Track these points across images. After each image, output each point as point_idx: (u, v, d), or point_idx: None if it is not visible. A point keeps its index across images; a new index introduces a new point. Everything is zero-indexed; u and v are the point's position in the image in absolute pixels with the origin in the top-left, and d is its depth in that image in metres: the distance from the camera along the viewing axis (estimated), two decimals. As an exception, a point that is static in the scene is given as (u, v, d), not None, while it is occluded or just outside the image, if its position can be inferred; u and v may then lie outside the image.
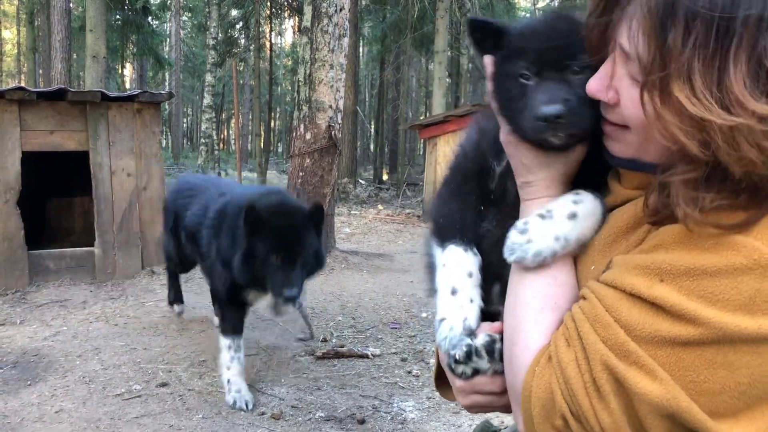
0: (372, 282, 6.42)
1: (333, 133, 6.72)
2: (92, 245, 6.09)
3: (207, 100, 13.61)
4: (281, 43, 47.42)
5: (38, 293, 5.67)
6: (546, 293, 0.96)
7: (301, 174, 6.75)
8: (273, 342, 4.63)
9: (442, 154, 12.12)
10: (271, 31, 20.68)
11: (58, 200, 7.24)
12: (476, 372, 1.02)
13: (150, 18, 20.45)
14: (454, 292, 1.04)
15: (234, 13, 20.55)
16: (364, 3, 21.42)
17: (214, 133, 14.07)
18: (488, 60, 1.06)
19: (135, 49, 22.33)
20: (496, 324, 1.05)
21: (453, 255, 1.06)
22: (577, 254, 1.00)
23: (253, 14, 20.09)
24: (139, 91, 6.16)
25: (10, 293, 5.60)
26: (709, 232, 0.80)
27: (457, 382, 1.05)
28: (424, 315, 5.41)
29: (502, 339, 1.01)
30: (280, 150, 49.34)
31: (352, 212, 14.36)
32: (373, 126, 34.41)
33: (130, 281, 6.07)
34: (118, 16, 19.89)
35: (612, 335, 0.83)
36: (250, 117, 37.45)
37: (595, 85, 0.94)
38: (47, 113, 5.79)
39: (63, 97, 5.85)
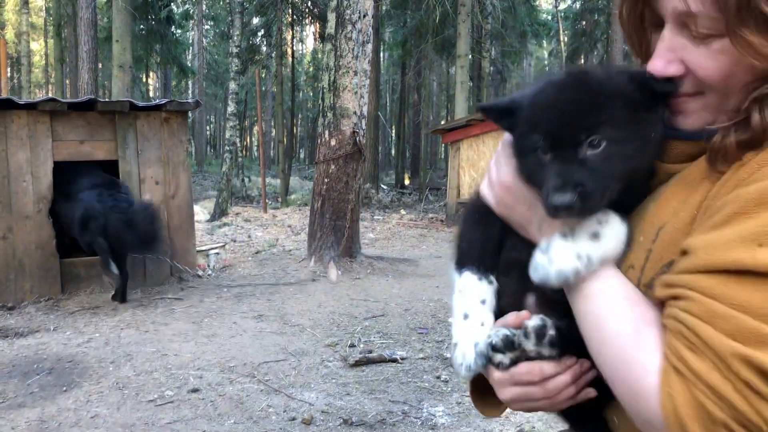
0: (398, 287, 6.43)
1: (357, 139, 6.76)
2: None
3: (231, 107, 13.71)
4: (302, 50, 47.70)
5: (70, 300, 5.77)
6: (630, 313, 0.91)
7: (326, 180, 6.79)
8: (301, 347, 4.66)
9: (466, 157, 12.09)
10: (293, 38, 20.79)
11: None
12: (514, 362, 1.00)
13: (173, 27, 20.70)
14: (466, 317, 1.06)
15: (256, 20, 20.70)
16: (384, 8, 21.49)
17: (237, 140, 14.15)
18: (507, 136, 1.05)
19: (159, 58, 22.61)
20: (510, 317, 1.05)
21: (467, 282, 1.08)
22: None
23: (275, 22, 20.25)
24: (167, 100, 6.25)
25: (43, 300, 5.71)
26: None
27: (495, 374, 1.03)
28: (450, 320, 5.39)
29: (552, 326, 1.00)
30: (302, 156, 49.63)
31: (375, 217, 14.38)
32: (394, 130, 34.49)
33: (159, 288, 6.15)
34: (142, 26, 20.19)
35: (737, 325, 0.77)
36: (273, 124, 37.75)
37: (659, 65, 0.93)
38: (77, 123, 5.90)
39: (93, 107, 5.96)
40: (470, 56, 16.56)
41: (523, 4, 21.76)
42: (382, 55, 26.95)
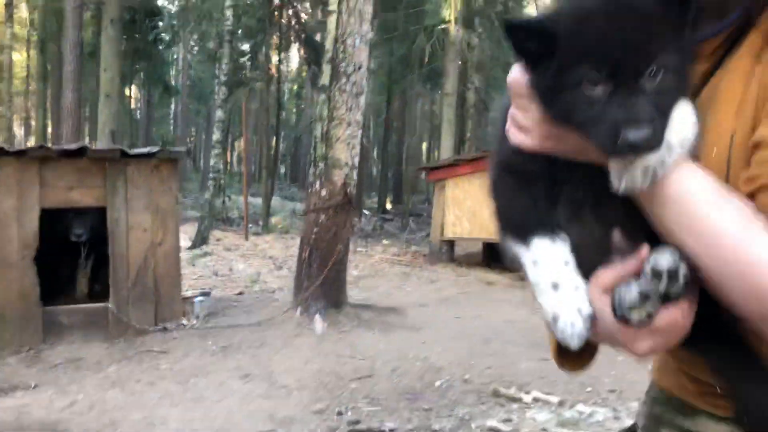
0: (385, 342, 6.41)
1: (348, 190, 6.77)
2: (106, 300, 6.11)
3: (216, 135, 13.67)
4: (287, 68, 47.81)
5: (52, 351, 5.66)
6: (731, 207, 0.84)
7: (315, 230, 6.78)
8: (289, 414, 4.62)
9: (451, 196, 12.15)
10: (279, 62, 20.83)
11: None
12: (650, 315, 0.89)
13: (160, 47, 20.65)
14: (556, 286, 0.95)
15: (244, 47, 20.72)
16: (371, 35, 21.63)
17: (221, 167, 14.09)
18: (518, 74, 0.93)
19: (143, 76, 22.54)
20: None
21: (542, 250, 0.96)
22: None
23: (263, 45, 20.29)
24: (158, 148, 6.22)
25: (24, 351, 5.60)
26: None
27: (630, 333, 0.92)
28: (438, 383, 5.40)
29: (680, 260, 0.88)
30: (282, 171, 49.49)
31: (358, 248, 14.35)
32: (377, 152, 34.58)
33: (143, 338, 6.07)
34: (127, 45, 20.10)
35: None
36: (255, 141, 37.61)
37: None
38: (67, 170, 5.84)
39: (83, 154, 5.90)
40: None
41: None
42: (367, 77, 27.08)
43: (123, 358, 5.59)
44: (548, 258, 0.96)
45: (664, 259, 0.86)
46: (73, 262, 6.40)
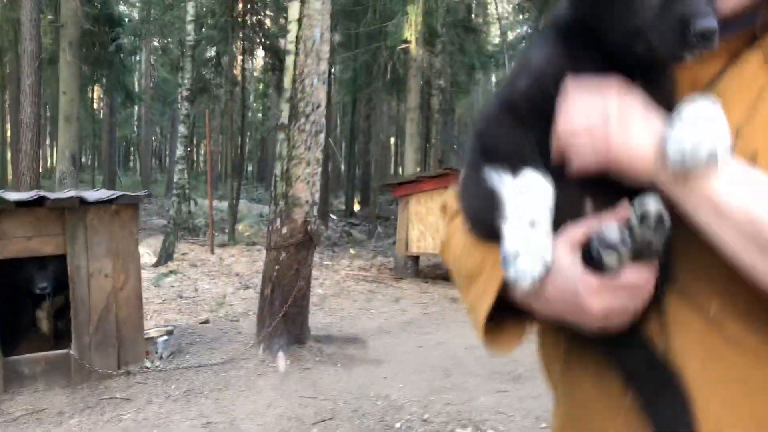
0: (347, 379, 6.55)
1: (309, 227, 6.86)
2: (67, 347, 6.12)
3: (179, 151, 13.60)
4: (252, 66, 47.41)
5: (13, 402, 5.67)
6: None
7: (276, 267, 6.87)
8: (251, 467, 4.72)
9: (414, 212, 12.33)
10: (243, 69, 20.73)
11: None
12: (621, 263, 0.86)
13: (122, 55, 20.38)
14: (533, 224, 0.89)
15: (207, 54, 20.58)
16: (337, 40, 21.64)
17: (186, 183, 14.04)
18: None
19: (105, 83, 22.22)
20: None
21: (534, 182, 0.91)
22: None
23: (226, 53, 20.17)
24: (118, 194, 6.22)
25: (-16, 403, 5.60)
26: None
27: (591, 280, 0.87)
28: (397, 425, 5.55)
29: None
30: (249, 169, 49.22)
31: (324, 262, 14.46)
32: (344, 151, 34.55)
33: (106, 384, 6.11)
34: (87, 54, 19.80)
35: None
36: (221, 140, 37.29)
37: None
38: (25, 220, 5.83)
39: (41, 203, 5.90)
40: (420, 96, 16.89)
41: (473, 42, 22.26)
42: (333, 77, 27.04)
43: (86, 407, 5.63)
44: (536, 192, 0.91)
45: (653, 203, 0.83)
46: (35, 309, 6.40)
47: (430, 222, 12.07)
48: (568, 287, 0.88)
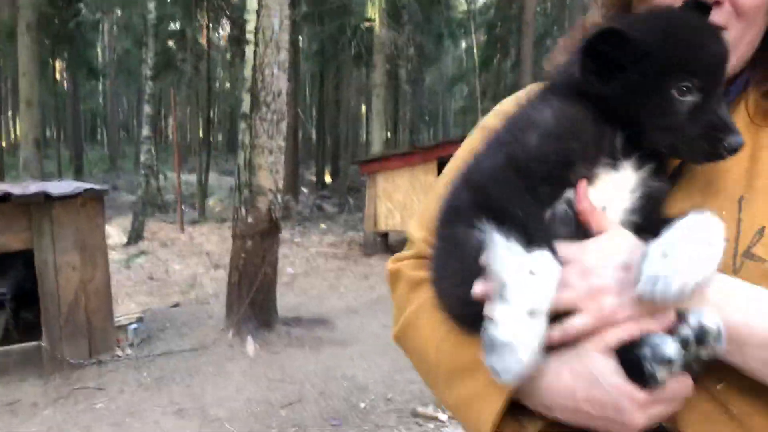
0: (314, 361, 6.79)
1: (273, 215, 7.02)
2: (38, 339, 6.27)
3: (145, 131, 13.56)
4: (219, 36, 46.64)
5: (-13, 394, 5.83)
6: None
7: (243, 255, 7.03)
8: (221, 452, 4.96)
9: (382, 189, 12.51)
10: (209, 40, 20.50)
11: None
12: (670, 377, 0.80)
13: (83, 29, 20.01)
14: (533, 313, 0.80)
15: (171, 28, 20.29)
16: (303, 11, 21.47)
17: (153, 163, 14.02)
18: (597, 83, 0.90)
19: (67, 58, 21.82)
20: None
21: (546, 266, 0.82)
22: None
23: (191, 26, 19.92)
24: (84, 187, 6.30)
25: (-42, 397, 5.74)
26: None
27: (641, 398, 0.80)
28: (362, 405, 5.83)
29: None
30: (219, 139, 48.72)
31: (295, 239, 14.63)
32: (314, 120, 34.43)
33: (78, 373, 6.27)
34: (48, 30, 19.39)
35: None
36: (188, 112, 36.86)
37: None
38: (-10, 217, 5.91)
39: (7, 200, 5.96)
40: (387, 66, 16.97)
41: (440, 13, 22.22)
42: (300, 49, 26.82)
43: (59, 398, 5.80)
44: (546, 278, 0.82)
45: (712, 317, 0.78)
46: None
47: (397, 200, 12.29)
48: (610, 400, 0.81)
